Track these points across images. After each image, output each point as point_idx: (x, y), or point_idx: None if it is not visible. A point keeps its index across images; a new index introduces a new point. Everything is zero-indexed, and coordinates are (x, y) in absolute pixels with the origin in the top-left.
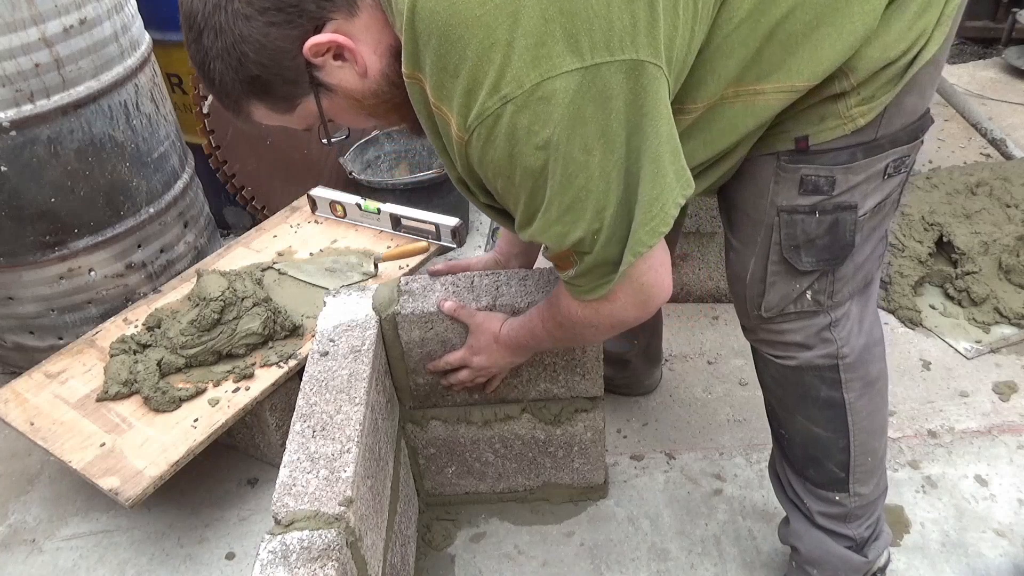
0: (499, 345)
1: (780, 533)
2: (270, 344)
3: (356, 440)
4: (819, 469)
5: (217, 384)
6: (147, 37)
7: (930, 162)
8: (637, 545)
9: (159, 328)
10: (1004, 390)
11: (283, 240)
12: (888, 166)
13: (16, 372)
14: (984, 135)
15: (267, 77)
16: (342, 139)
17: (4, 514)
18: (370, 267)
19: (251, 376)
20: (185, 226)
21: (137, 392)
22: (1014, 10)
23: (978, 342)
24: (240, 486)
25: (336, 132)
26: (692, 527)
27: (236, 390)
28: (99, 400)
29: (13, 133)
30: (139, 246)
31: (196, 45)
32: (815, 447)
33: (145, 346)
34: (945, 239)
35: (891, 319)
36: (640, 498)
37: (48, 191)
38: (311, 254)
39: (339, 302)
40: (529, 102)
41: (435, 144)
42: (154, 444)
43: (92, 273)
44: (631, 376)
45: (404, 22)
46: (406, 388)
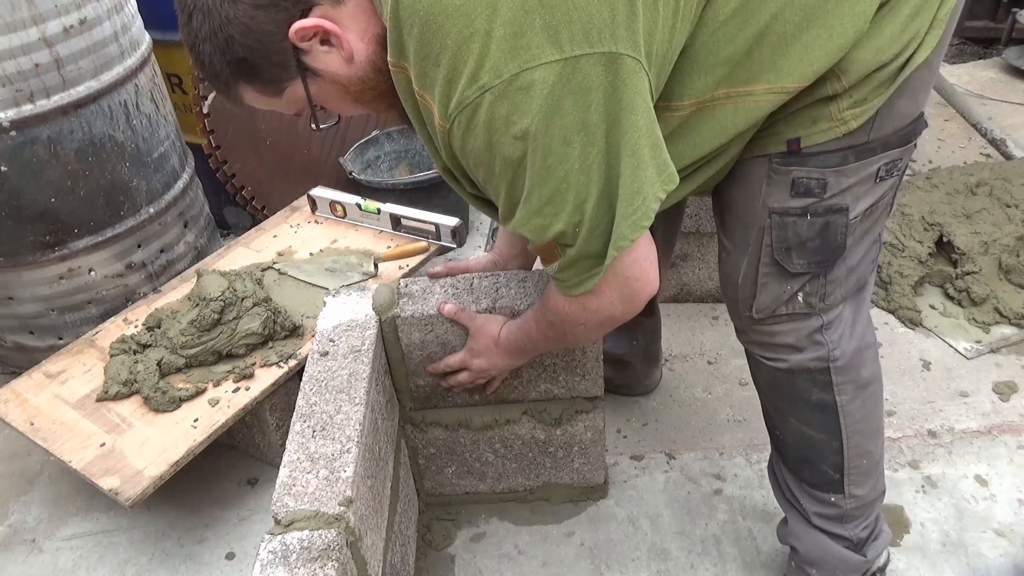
0: (499, 348)
1: (779, 533)
2: (270, 344)
3: (356, 440)
4: (813, 470)
5: (217, 384)
6: (147, 37)
7: (930, 162)
8: (637, 545)
9: (159, 328)
10: (1004, 390)
11: (283, 240)
12: (880, 169)
13: (16, 372)
14: (984, 135)
15: (254, 60)
16: (332, 125)
17: (4, 514)
18: (370, 267)
19: (251, 376)
20: (185, 226)
21: (137, 392)
22: (1014, 10)
23: (978, 342)
24: (240, 486)
25: (326, 119)
26: (692, 527)
27: (236, 390)
28: (99, 400)
29: (13, 133)
30: (139, 246)
31: (187, 27)
32: (809, 448)
33: (145, 346)
34: (945, 239)
35: (891, 319)
36: (640, 498)
37: (48, 191)
38: (311, 254)
39: (339, 302)
40: (508, 92)
41: (421, 133)
42: (154, 444)
43: (92, 273)
44: (631, 376)
45: (389, 11)
46: (406, 389)
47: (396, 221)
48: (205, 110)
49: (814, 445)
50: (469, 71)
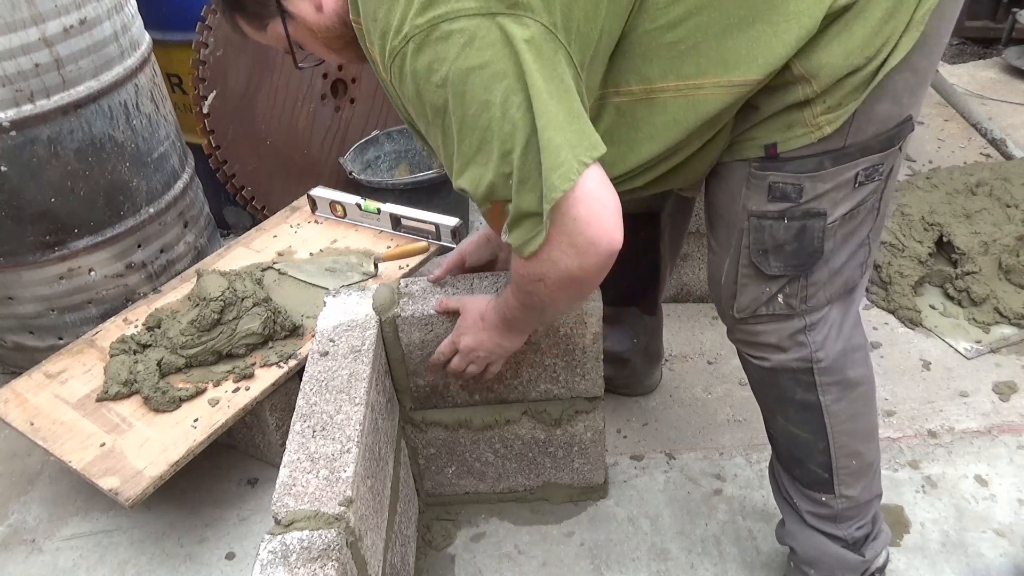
0: (484, 323)
1: (777, 533)
2: (270, 344)
3: (356, 440)
4: (803, 469)
5: (217, 384)
6: (147, 37)
7: (930, 162)
8: (637, 545)
9: (159, 328)
10: (1004, 390)
11: (283, 240)
12: (858, 175)
13: (16, 372)
14: (984, 135)
15: None
16: (314, 65)
17: (4, 514)
18: (370, 267)
19: (251, 376)
20: (185, 226)
21: (137, 392)
22: (1014, 10)
23: (978, 342)
24: (240, 486)
25: (305, 58)
26: (692, 527)
27: (236, 390)
28: (99, 400)
29: (13, 133)
30: (139, 246)
31: None
32: (796, 447)
33: (145, 346)
34: (945, 239)
35: (891, 319)
36: (640, 498)
37: (48, 191)
38: (311, 254)
39: (339, 302)
40: (428, 41)
41: (385, 88)
42: (154, 444)
43: (92, 273)
44: (631, 375)
45: None
46: (406, 390)
47: (396, 221)
48: (205, 110)
49: (801, 444)
50: (396, 23)
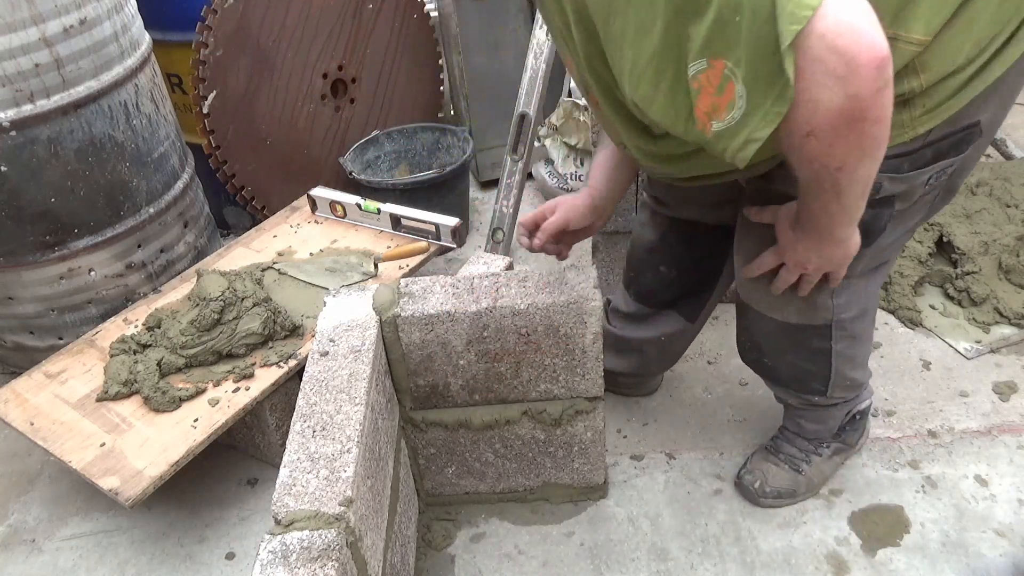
0: (796, 234)
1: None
2: (270, 344)
3: (356, 440)
4: (801, 386)
5: (217, 384)
6: (147, 37)
7: None
8: (637, 545)
9: (159, 328)
10: (1004, 390)
11: (283, 240)
12: (931, 178)
13: (16, 372)
14: None
15: None
16: None
17: (4, 514)
18: (370, 267)
19: (251, 376)
20: (185, 226)
21: (137, 392)
22: None
23: (978, 342)
24: (240, 486)
25: None
26: (692, 527)
27: (236, 390)
28: (99, 400)
29: (13, 133)
30: (139, 246)
31: None
32: (800, 375)
33: (145, 346)
34: (945, 239)
35: (891, 319)
36: (640, 498)
37: (48, 191)
38: (311, 254)
39: (339, 302)
40: None
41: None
42: (154, 444)
43: (92, 273)
44: (640, 366)
45: None
46: (406, 389)
47: (396, 221)
48: (205, 110)
49: (805, 373)
50: None
